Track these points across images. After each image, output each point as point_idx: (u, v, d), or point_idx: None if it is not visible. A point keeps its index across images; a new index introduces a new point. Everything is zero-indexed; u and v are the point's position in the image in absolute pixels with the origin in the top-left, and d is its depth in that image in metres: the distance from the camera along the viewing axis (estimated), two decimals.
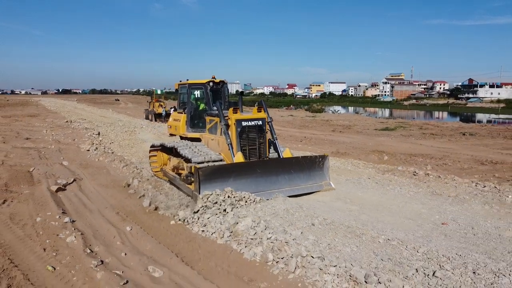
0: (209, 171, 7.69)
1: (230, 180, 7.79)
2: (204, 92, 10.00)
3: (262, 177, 8.17)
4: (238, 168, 7.98)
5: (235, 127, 8.50)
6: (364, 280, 4.65)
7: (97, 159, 13.37)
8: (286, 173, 8.47)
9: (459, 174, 11.42)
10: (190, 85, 10.25)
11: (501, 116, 53.95)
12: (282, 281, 5.06)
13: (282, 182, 8.39)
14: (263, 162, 8.55)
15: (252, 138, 8.75)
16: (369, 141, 19.67)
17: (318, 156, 9.11)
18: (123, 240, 6.45)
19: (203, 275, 5.25)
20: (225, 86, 10.37)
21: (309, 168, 8.85)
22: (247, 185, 7.90)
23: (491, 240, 6.14)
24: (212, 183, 7.57)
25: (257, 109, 9.19)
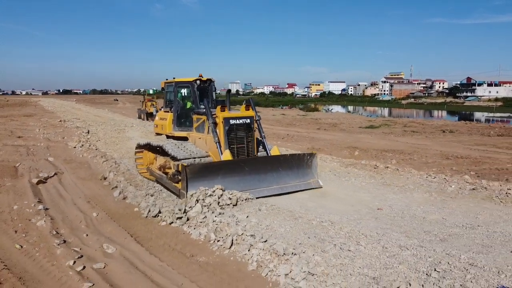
0: (196, 169, 7.71)
1: (218, 178, 7.78)
2: (191, 90, 9.91)
3: (250, 175, 8.17)
4: (226, 166, 8.00)
5: (223, 125, 8.50)
6: (283, 252, 5.38)
7: (81, 155, 14.13)
8: (274, 171, 8.48)
9: (419, 168, 12.13)
10: (176, 84, 10.15)
11: (496, 115, 54.49)
12: (218, 256, 5.80)
13: (270, 180, 8.41)
14: (251, 160, 8.55)
15: (240, 137, 8.76)
16: (349, 138, 20.38)
17: (306, 154, 9.12)
18: (88, 224, 7.20)
19: (150, 251, 6.00)
20: (212, 84, 10.30)
21: (297, 166, 8.86)
22: (235, 183, 7.89)
23: (414, 222, 6.86)
24: (200, 181, 7.59)
25: (245, 107, 9.24)
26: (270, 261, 5.34)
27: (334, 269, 5.02)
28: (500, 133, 22.75)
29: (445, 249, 5.48)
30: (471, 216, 7.17)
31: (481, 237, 6.10)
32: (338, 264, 5.14)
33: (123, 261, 5.66)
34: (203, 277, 5.18)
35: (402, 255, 5.32)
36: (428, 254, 5.31)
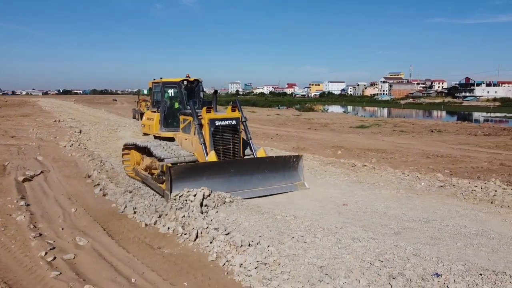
0: (181, 170, 7.71)
1: (203, 179, 7.78)
2: (178, 90, 9.85)
3: (236, 176, 8.16)
4: (211, 167, 7.99)
5: (208, 126, 8.47)
6: (240, 244, 5.73)
7: (70, 154, 14.48)
8: (259, 173, 8.48)
9: (397, 166, 12.47)
10: (163, 84, 10.06)
11: (491, 115, 54.77)
12: (182, 248, 6.16)
13: (256, 182, 8.41)
14: (237, 162, 8.55)
15: (226, 138, 8.74)
16: (336, 138, 20.73)
17: (292, 156, 9.12)
18: (65, 219, 7.55)
19: (119, 243, 6.35)
20: (199, 85, 10.25)
21: (283, 168, 8.87)
22: (220, 184, 7.89)
23: (374, 217, 7.21)
24: (184, 182, 7.58)
25: (231, 109, 9.16)
26: (229, 252, 5.69)
27: (286, 259, 5.37)
28: (488, 133, 23.08)
29: (395, 241, 5.83)
30: (430, 211, 7.51)
31: (432, 230, 6.45)
32: (291, 254, 5.49)
33: (92, 252, 6.01)
34: (165, 266, 5.53)
35: (353, 246, 5.67)
36: (377, 246, 5.65)
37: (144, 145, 9.41)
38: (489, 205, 7.91)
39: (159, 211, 7.59)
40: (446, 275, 4.75)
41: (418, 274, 4.81)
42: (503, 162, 13.24)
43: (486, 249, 5.68)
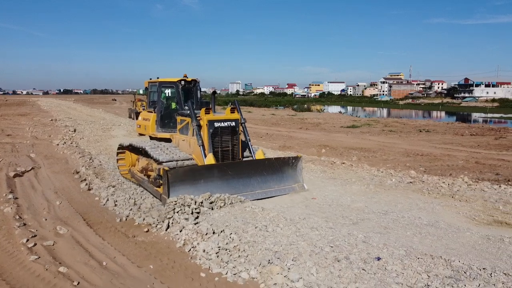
0: (178, 173, 7.51)
1: (201, 183, 7.65)
2: (176, 91, 9.64)
3: (234, 179, 8.01)
4: (209, 170, 7.83)
5: (207, 128, 8.32)
6: (205, 232, 6.21)
7: (61, 151, 14.97)
8: (258, 175, 8.34)
9: (376, 164, 12.94)
10: (160, 83, 9.87)
11: (488, 115, 55.15)
12: (155, 236, 6.65)
13: (255, 184, 8.28)
14: (235, 164, 8.39)
15: (225, 140, 8.59)
16: (325, 137, 21.20)
17: (291, 157, 8.97)
18: (49, 211, 8.03)
19: (97, 232, 6.84)
20: (197, 85, 10.05)
21: (282, 169, 8.74)
22: (218, 187, 7.78)
23: (338, 209, 7.69)
24: (182, 186, 7.43)
25: (230, 110, 8.96)
26: (195, 239, 6.17)
27: (246, 245, 5.86)
28: (475, 133, 23.52)
29: (349, 230, 6.32)
30: (392, 204, 7.99)
31: (388, 221, 6.93)
32: (251, 241, 5.97)
33: (70, 240, 6.50)
34: (135, 252, 6.02)
35: (309, 234, 6.15)
36: (332, 234, 6.15)
37: (141, 146, 9.15)
38: (449, 199, 8.39)
39: (137, 204, 8.08)
40: (386, 258, 5.24)
41: (361, 257, 5.29)
42: (479, 161, 13.70)
43: (432, 237, 6.16)
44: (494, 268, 4.93)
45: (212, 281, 5.03)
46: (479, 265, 5.03)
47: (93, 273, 5.30)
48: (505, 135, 22.18)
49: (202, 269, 5.35)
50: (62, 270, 5.33)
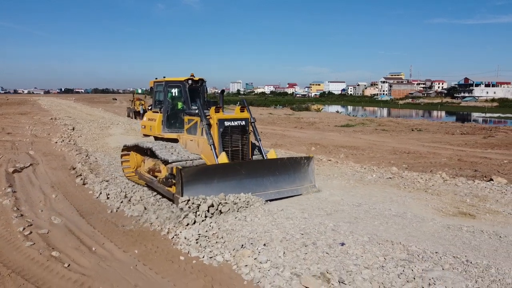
0: (192, 172, 7.39)
1: (214, 182, 7.53)
2: (182, 90, 9.45)
3: (247, 178, 7.89)
4: (222, 169, 7.72)
5: (217, 127, 8.19)
6: (187, 223, 6.72)
7: (59, 149, 15.50)
8: (271, 175, 8.25)
9: (361, 161, 13.45)
10: (167, 83, 9.69)
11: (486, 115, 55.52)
12: (142, 226, 7.15)
13: (267, 184, 8.17)
14: (248, 163, 8.32)
15: (235, 139, 8.46)
16: (317, 135, 21.71)
17: (303, 157, 8.89)
18: (45, 203, 8.55)
19: (89, 222, 7.36)
20: (204, 84, 9.92)
21: (294, 169, 8.64)
22: (231, 187, 7.65)
23: (316, 202, 8.19)
24: (195, 185, 7.30)
25: (239, 109, 8.89)
26: (177, 228, 6.68)
27: (224, 233, 6.38)
28: (466, 132, 24.01)
29: (321, 220, 6.83)
30: (366, 197, 8.50)
31: (359, 212, 7.44)
32: (230, 229, 6.49)
33: (64, 228, 7.02)
34: (122, 239, 6.53)
35: (284, 224, 6.66)
36: (305, 223, 6.65)
37: (148, 147, 9.05)
38: (422, 193, 8.89)
39: (128, 196, 8.61)
40: (350, 244, 5.75)
41: (327, 243, 5.80)
42: (462, 158, 14.18)
43: (397, 226, 6.66)
44: (445, 252, 5.44)
45: (190, 263, 5.54)
46: (433, 250, 5.53)
47: (83, 256, 5.82)
48: (494, 134, 22.66)
49: (182, 253, 5.87)
50: (55, 254, 5.85)
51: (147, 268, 5.43)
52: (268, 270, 5.10)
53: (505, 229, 6.51)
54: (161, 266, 5.50)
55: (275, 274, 5.01)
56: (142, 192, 8.99)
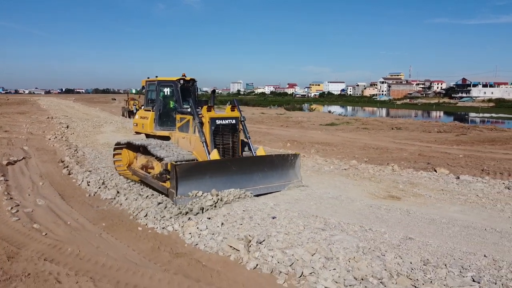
0: (186, 168, 7.71)
1: (206, 178, 7.87)
2: (174, 89, 9.77)
3: (237, 174, 8.25)
4: (214, 166, 8.07)
5: (209, 125, 8.58)
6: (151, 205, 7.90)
7: (52, 145, 16.71)
8: (260, 171, 8.62)
9: (328, 155, 14.60)
10: (159, 82, 10.06)
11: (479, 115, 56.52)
12: (113, 207, 8.33)
13: (256, 179, 8.54)
14: (238, 160, 8.74)
15: (226, 137, 8.88)
16: (298, 133, 22.86)
17: (290, 154, 9.39)
18: (33, 189, 9.74)
19: (68, 203, 8.54)
20: (195, 84, 10.28)
21: (282, 166, 9.04)
22: (222, 182, 8.02)
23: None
24: (189, 180, 7.65)
25: (230, 108, 9.28)
26: (142, 210, 7.84)
27: (173, 208, 7.53)
28: (442, 130, 25.12)
29: (266, 201, 8.02)
30: (314, 184, 9.61)
31: (301, 195, 8.58)
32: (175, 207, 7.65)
33: (46, 208, 8.20)
34: (94, 216, 7.71)
35: (232, 203, 7.80)
36: (250, 203, 7.79)
37: (141, 144, 9.45)
38: (366, 181, 10.05)
39: (106, 183, 9.79)
40: (280, 217, 6.92)
41: (262, 217, 6.97)
42: (423, 153, 15.32)
43: (327, 206, 7.82)
44: (356, 223, 6.61)
45: (146, 232, 6.73)
46: (346, 221, 6.71)
47: (58, 228, 7.00)
48: (469, 132, 23.76)
49: (140, 225, 7.06)
50: (35, 227, 7.03)
51: (109, 236, 6.62)
52: (205, 236, 6.28)
53: (418, 208, 7.67)
54: (121, 234, 6.68)
55: (210, 238, 6.19)
56: (117, 180, 10.19)
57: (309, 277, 4.89)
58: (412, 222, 6.81)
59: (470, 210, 7.59)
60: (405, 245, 5.72)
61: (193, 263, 5.50)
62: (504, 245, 5.77)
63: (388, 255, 5.36)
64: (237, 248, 5.60)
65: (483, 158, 13.94)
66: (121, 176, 10.60)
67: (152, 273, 5.18)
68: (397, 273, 4.85)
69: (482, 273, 4.84)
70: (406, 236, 6.05)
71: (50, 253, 5.92)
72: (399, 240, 5.92)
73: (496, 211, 7.49)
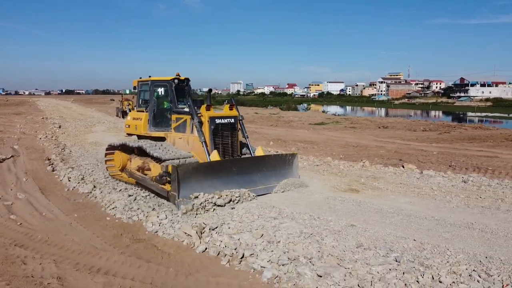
0: (188, 169, 7.60)
1: (207, 179, 7.78)
2: (169, 89, 9.56)
3: (238, 175, 8.21)
4: (215, 167, 7.99)
5: (208, 124, 8.48)
6: (122, 197, 8.44)
7: (42, 144, 17.26)
8: (259, 172, 8.62)
9: (307, 153, 15.10)
10: (152, 82, 9.86)
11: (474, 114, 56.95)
12: (89, 200, 8.85)
13: (256, 180, 8.51)
14: (238, 161, 8.73)
15: (225, 136, 8.82)
16: (285, 132, 23.40)
17: (288, 154, 9.46)
18: (16, 184, 10.27)
19: (46, 197, 9.08)
20: (189, 84, 10.10)
21: (280, 166, 9.06)
22: (223, 183, 7.95)
23: None
24: (191, 182, 7.54)
25: (228, 107, 9.22)
26: (114, 202, 8.36)
27: (143, 201, 8.07)
28: (428, 129, 25.63)
29: None
30: None
31: None
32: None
33: (25, 201, 8.73)
34: (69, 208, 8.24)
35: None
36: None
37: (137, 146, 9.27)
38: (332, 175, 10.58)
39: (85, 179, 10.33)
40: (238, 208, 7.45)
41: (221, 207, 7.49)
42: (399, 151, 15.82)
43: (288, 198, 8.34)
44: (307, 213, 7.13)
45: (113, 221, 7.27)
46: (299, 211, 7.23)
47: (33, 218, 7.54)
48: (453, 131, 24.26)
49: (109, 215, 7.60)
50: (12, 217, 7.56)
51: (78, 225, 7.16)
52: (165, 224, 6.81)
53: (371, 199, 8.19)
54: (90, 223, 7.22)
55: (169, 226, 6.73)
56: (96, 176, 10.73)
57: (249, 258, 5.42)
58: (360, 212, 7.32)
59: (419, 201, 8.10)
60: (345, 231, 6.24)
61: (149, 247, 6.04)
62: (437, 231, 6.29)
63: (326, 239, 5.88)
64: (190, 234, 6.13)
65: (455, 155, 14.44)
66: (99, 172, 11.13)
67: (109, 256, 5.71)
68: (328, 254, 5.37)
69: (406, 254, 5.35)
70: (349, 224, 6.57)
71: (22, 240, 6.46)
72: (341, 227, 6.44)
73: (443, 202, 8.00)
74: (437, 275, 4.74)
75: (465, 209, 7.52)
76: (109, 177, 10.55)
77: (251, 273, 5.09)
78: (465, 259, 5.15)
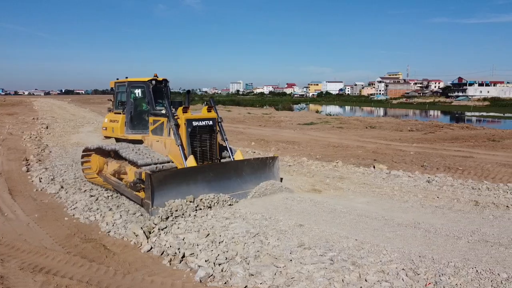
0: (162, 177, 7.33)
1: (183, 185, 7.51)
2: (146, 91, 9.32)
3: (215, 180, 7.98)
4: (191, 173, 7.74)
5: (185, 127, 8.21)
6: (81, 198, 8.56)
7: (24, 144, 17.39)
8: (238, 176, 8.37)
9: (287, 153, 15.23)
10: (129, 83, 9.65)
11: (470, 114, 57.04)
12: (53, 200, 8.97)
13: (235, 185, 8.27)
14: (216, 166, 8.46)
15: (204, 139, 8.55)
16: (271, 132, 23.51)
17: (269, 157, 9.20)
18: None
19: (13, 197, 9.20)
20: (168, 85, 9.83)
21: (260, 169, 8.82)
22: (200, 189, 7.71)
23: None
24: (166, 190, 7.26)
25: (207, 109, 8.92)
26: (75, 203, 8.48)
27: (103, 202, 8.20)
28: (415, 129, 25.72)
29: None
30: None
31: None
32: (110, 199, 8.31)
33: None
34: (32, 208, 8.36)
35: None
36: None
37: (112, 149, 9.02)
38: (300, 175, 10.71)
39: (54, 180, 10.46)
40: None
41: None
42: (378, 151, 15.94)
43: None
44: (261, 213, 7.23)
45: (70, 222, 7.40)
46: (254, 211, 7.33)
47: None
48: (438, 131, 24.35)
49: (68, 215, 7.72)
50: None
51: (36, 225, 7.28)
52: (118, 224, 6.95)
53: (329, 199, 8.30)
54: (47, 224, 7.34)
55: (122, 226, 6.86)
56: (66, 176, 10.85)
57: (189, 258, 5.54)
58: (314, 212, 7.43)
59: (376, 201, 8.22)
60: (292, 231, 6.35)
61: (97, 247, 6.16)
62: (382, 231, 6.40)
63: (270, 239, 6.00)
64: (137, 234, 6.25)
65: (431, 155, 14.56)
66: (71, 173, 11.25)
67: (55, 255, 5.84)
68: (266, 253, 5.48)
69: (342, 253, 5.47)
70: (297, 224, 6.68)
71: None
72: (289, 226, 6.55)
73: (400, 202, 8.12)
74: (365, 273, 4.86)
75: (418, 209, 7.63)
76: (78, 177, 10.67)
77: (186, 272, 5.21)
78: (398, 258, 5.27)
